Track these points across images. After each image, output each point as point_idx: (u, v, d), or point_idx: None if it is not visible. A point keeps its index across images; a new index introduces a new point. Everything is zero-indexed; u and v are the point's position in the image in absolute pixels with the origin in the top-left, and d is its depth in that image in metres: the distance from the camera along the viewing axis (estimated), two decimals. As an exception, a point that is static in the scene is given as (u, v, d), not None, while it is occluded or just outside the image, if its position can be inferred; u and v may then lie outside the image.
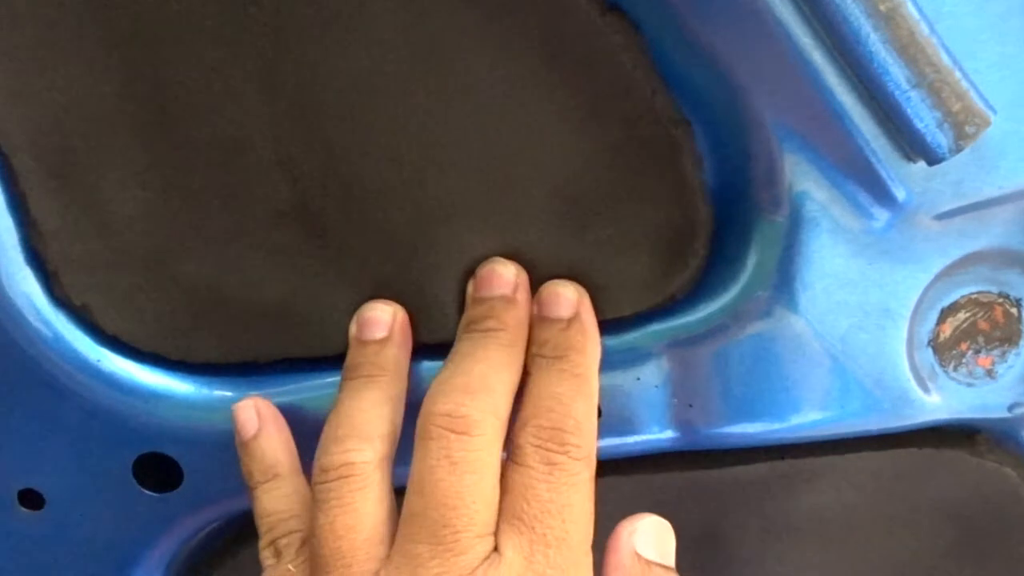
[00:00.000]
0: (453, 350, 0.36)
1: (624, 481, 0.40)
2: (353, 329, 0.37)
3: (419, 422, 0.33)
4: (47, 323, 0.37)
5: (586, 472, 0.33)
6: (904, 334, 0.36)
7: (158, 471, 0.39)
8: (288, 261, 0.37)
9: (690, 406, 0.38)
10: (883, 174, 0.34)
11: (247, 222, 0.37)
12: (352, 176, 0.36)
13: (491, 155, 0.36)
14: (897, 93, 0.31)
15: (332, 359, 0.38)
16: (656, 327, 0.38)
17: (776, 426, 0.38)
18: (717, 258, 0.37)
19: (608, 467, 0.37)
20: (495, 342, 0.35)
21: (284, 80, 0.34)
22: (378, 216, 0.36)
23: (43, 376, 0.37)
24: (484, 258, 0.37)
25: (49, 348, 0.37)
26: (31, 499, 0.40)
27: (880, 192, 0.34)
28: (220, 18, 0.34)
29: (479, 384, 0.33)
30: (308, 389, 0.39)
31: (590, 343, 0.35)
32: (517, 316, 0.36)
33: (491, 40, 0.34)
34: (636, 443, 0.39)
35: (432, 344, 0.38)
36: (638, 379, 0.38)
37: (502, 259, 0.37)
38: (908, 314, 0.36)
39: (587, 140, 0.35)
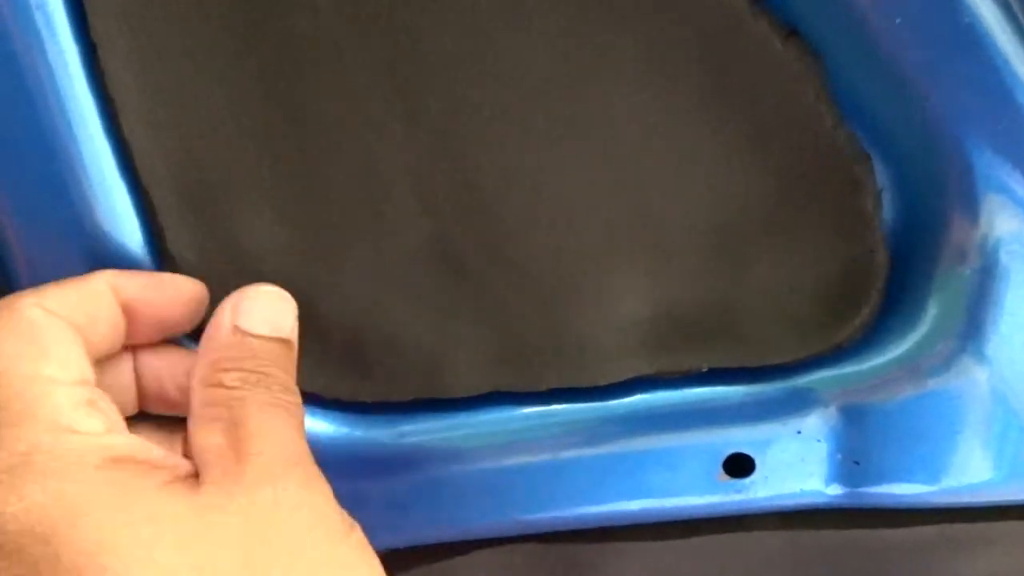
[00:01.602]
0: None
1: (775, 537, 0.37)
2: None
3: None
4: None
5: None
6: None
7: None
8: (426, 299, 0.35)
9: (856, 463, 0.35)
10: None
11: (385, 258, 0.35)
12: (494, 213, 0.34)
13: (644, 190, 0.33)
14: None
15: (469, 400, 0.36)
16: (821, 376, 0.35)
17: (951, 486, 0.34)
18: (893, 304, 0.34)
19: (760, 522, 0.35)
20: None
21: (427, 113, 0.32)
22: (521, 255, 0.34)
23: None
24: (632, 299, 0.35)
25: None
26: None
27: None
28: (365, 50, 0.32)
29: None
30: (442, 429, 0.37)
31: None
32: None
33: (651, 67, 0.31)
34: (792, 498, 0.36)
35: (570, 389, 0.36)
36: (799, 432, 0.35)
37: None
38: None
39: (755, 174, 0.33)
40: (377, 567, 0.29)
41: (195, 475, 0.28)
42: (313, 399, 0.37)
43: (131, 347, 0.32)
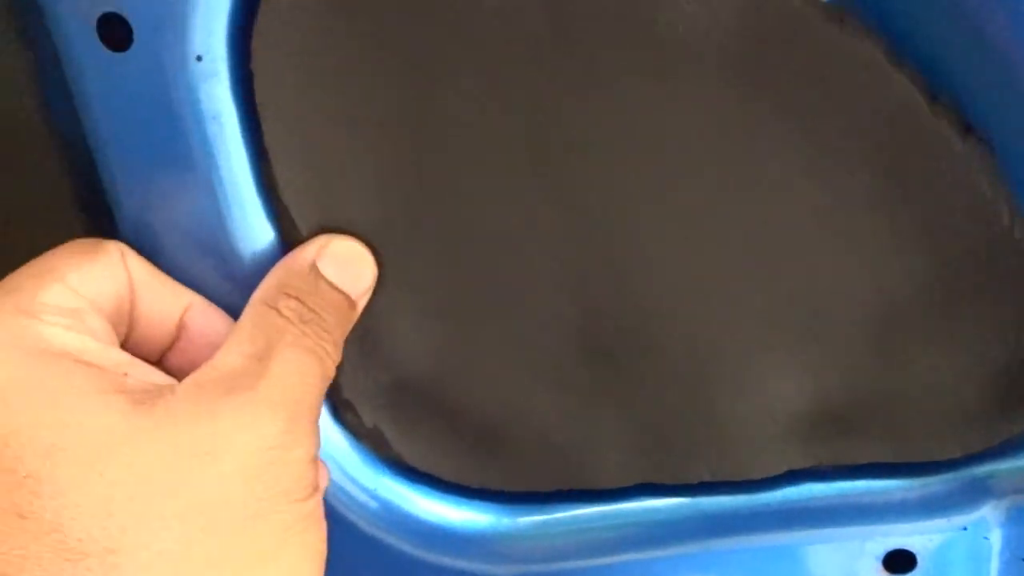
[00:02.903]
0: None
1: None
2: None
3: None
4: (334, 447, 0.36)
5: None
6: None
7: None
8: (572, 388, 0.35)
9: (1026, 562, 0.33)
10: None
11: (529, 346, 0.34)
12: (644, 301, 0.33)
13: (801, 278, 0.32)
14: None
15: (612, 492, 0.35)
16: (989, 470, 0.33)
17: None
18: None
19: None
20: None
21: (575, 198, 0.31)
22: (671, 343, 0.33)
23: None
24: (786, 389, 0.34)
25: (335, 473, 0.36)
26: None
27: None
28: (512, 134, 0.31)
29: None
30: (586, 519, 0.36)
31: None
32: None
33: (815, 154, 0.30)
34: (955, 595, 0.34)
35: (723, 482, 0.35)
36: (965, 528, 0.34)
37: None
38: None
39: (922, 265, 0.31)
40: (316, 545, 0.28)
41: (155, 393, 0.27)
42: (457, 487, 0.37)
43: None
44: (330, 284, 0.31)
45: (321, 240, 0.31)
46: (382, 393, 0.35)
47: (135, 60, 0.29)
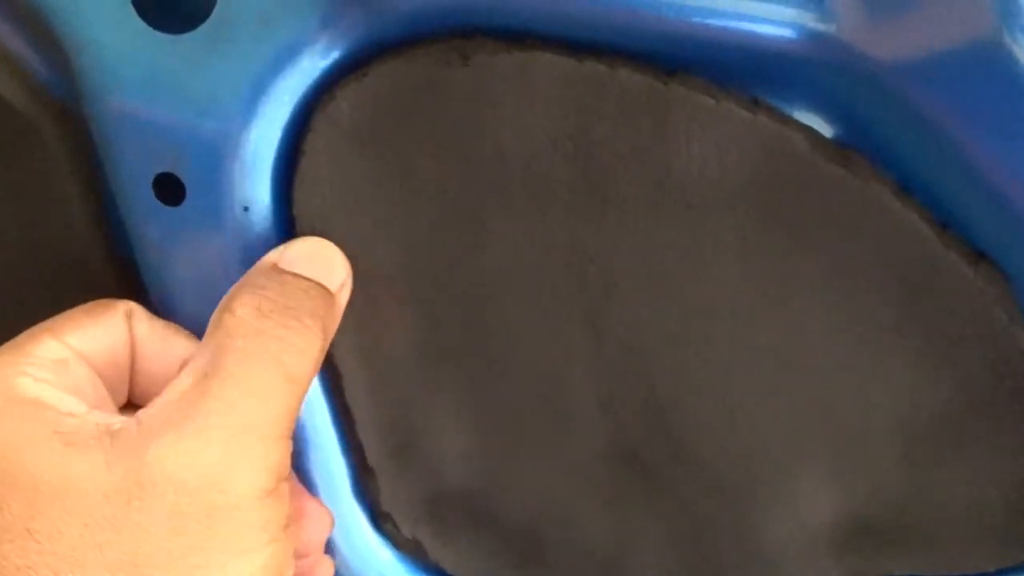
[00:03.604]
0: None
1: None
2: None
3: None
4: (374, 556, 0.37)
5: None
6: None
7: None
8: (607, 499, 0.36)
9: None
10: None
11: (567, 463, 0.35)
12: (678, 419, 0.34)
13: (829, 398, 0.33)
14: None
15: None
16: (1021, 585, 0.34)
17: None
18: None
19: None
20: None
21: (611, 324, 0.33)
22: (704, 460, 0.34)
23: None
24: (819, 502, 0.34)
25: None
26: None
27: None
28: (553, 275, 0.32)
29: None
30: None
31: None
32: None
33: (836, 285, 0.31)
34: None
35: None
36: (999, 641, 0.34)
37: None
38: None
39: (944, 389, 0.32)
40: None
41: (97, 435, 0.25)
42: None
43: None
44: (295, 275, 0.29)
45: (281, 246, 0.30)
46: (420, 505, 0.37)
47: (188, 212, 0.31)
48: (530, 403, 0.35)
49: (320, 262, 0.30)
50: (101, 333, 0.30)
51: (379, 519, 0.37)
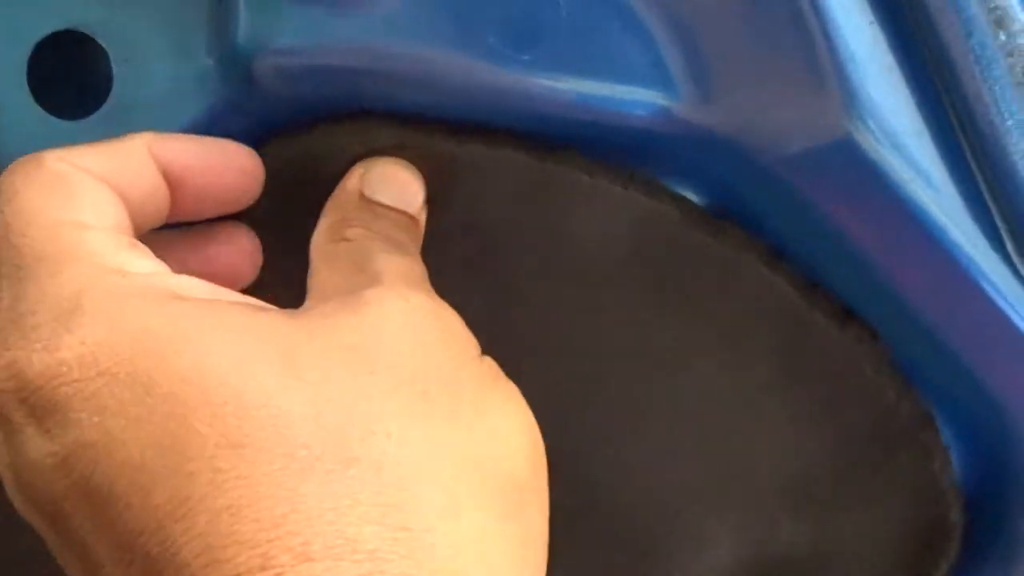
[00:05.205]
0: None
1: None
2: None
3: None
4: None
5: None
6: None
7: None
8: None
9: None
10: None
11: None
12: (583, 475, 0.35)
13: (722, 457, 0.34)
14: None
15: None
16: (911, 629, 0.35)
17: None
18: (973, 558, 0.34)
19: None
20: None
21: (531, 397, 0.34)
22: (612, 510, 0.35)
23: None
24: (720, 549, 0.36)
25: None
26: None
27: None
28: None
29: None
30: None
31: None
32: None
33: (724, 349, 0.33)
34: None
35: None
36: None
37: None
38: None
39: (826, 442, 0.33)
40: (515, 393, 0.26)
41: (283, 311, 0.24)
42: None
43: None
44: (384, 206, 0.29)
45: (359, 168, 0.30)
46: None
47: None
48: None
49: (402, 190, 0.30)
50: (145, 194, 0.26)
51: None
